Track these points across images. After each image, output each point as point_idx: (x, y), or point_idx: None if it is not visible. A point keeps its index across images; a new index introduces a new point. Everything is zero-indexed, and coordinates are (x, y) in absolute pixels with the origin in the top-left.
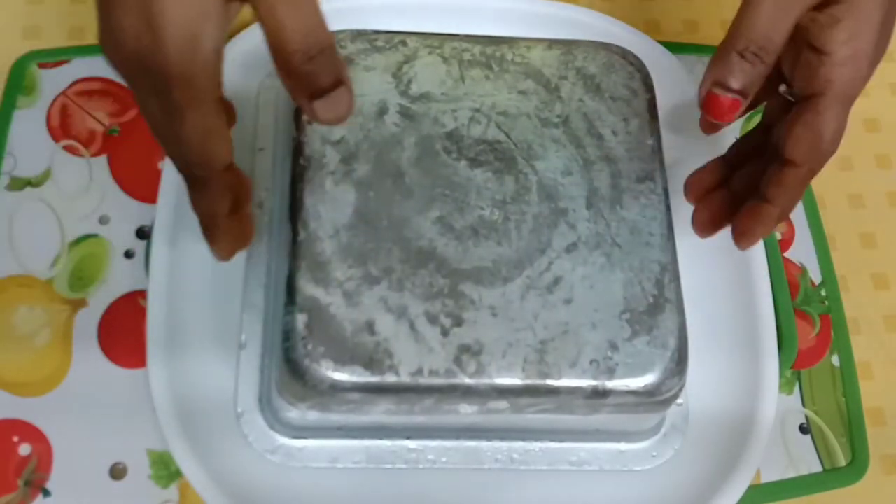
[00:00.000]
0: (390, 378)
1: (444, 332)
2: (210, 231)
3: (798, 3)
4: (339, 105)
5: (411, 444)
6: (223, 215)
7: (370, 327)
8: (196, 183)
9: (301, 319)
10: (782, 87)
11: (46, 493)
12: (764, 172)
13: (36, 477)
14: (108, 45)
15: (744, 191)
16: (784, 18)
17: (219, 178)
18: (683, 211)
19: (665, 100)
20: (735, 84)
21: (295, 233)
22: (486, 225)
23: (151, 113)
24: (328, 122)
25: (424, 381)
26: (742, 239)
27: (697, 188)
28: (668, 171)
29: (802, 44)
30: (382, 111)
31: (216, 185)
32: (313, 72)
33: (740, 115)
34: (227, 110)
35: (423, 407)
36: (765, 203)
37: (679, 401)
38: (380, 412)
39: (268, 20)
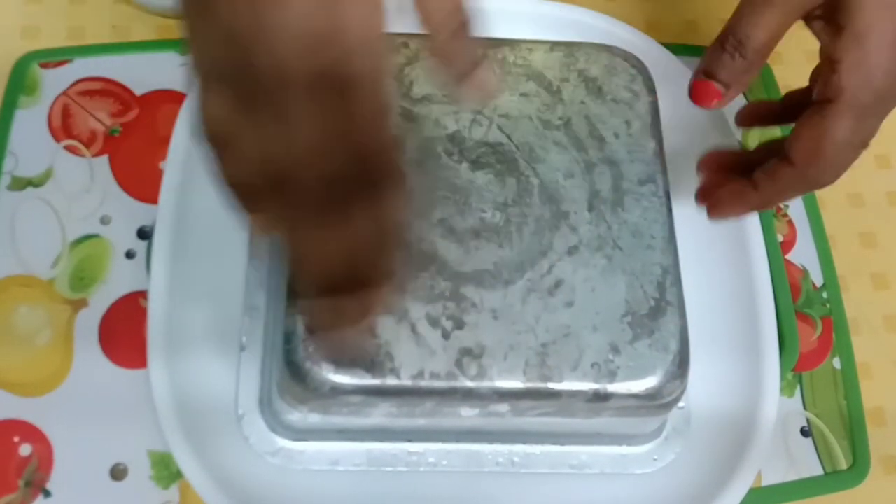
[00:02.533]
0: (391, 381)
1: (446, 335)
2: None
3: (786, 5)
4: (483, 85)
5: (412, 446)
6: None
7: (371, 330)
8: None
9: (302, 322)
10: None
11: (47, 493)
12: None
13: (36, 477)
14: None
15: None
16: (769, 17)
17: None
18: (685, 213)
19: (666, 101)
20: (717, 73)
21: None
22: (488, 227)
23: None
24: (473, 101)
25: (425, 383)
26: (714, 209)
27: (710, 160)
28: (669, 174)
29: (822, 57)
30: None
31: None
32: (454, 50)
33: (721, 105)
34: None
35: (424, 410)
36: (749, 187)
37: (680, 404)
38: (380, 415)
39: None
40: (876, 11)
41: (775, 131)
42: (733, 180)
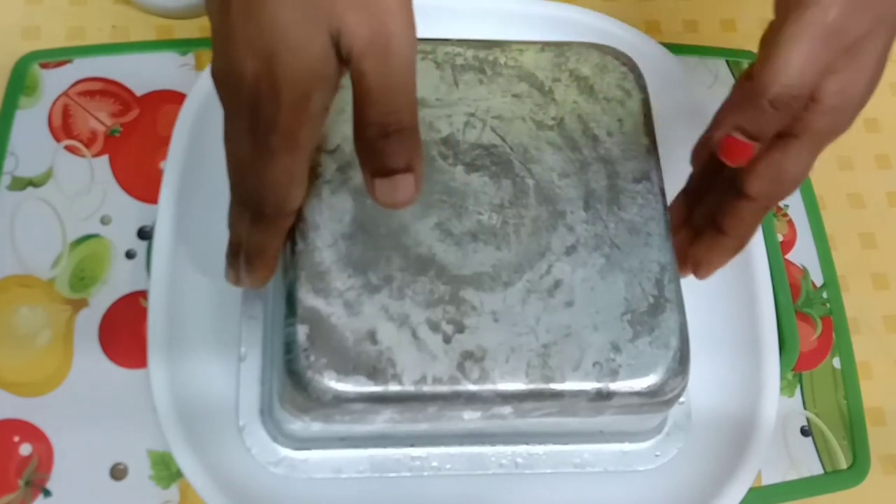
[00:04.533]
0: (394, 387)
1: (447, 339)
2: (254, 262)
3: (833, 46)
4: (399, 191)
5: (415, 451)
6: (273, 251)
7: (372, 336)
8: (260, 218)
9: (302, 331)
10: None
11: (47, 493)
12: (722, 203)
13: (36, 477)
14: (222, 78)
15: (705, 225)
16: (816, 62)
17: (283, 221)
18: None
19: (665, 100)
20: (763, 133)
21: (293, 243)
22: (485, 230)
23: (239, 147)
24: (384, 205)
25: (428, 388)
26: (699, 269)
27: (700, 149)
28: (667, 172)
29: None
30: None
31: (279, 226)
32: (383, 149)
33: None
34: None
35: (427, 414)
36: (720, 234)
37: (681, 399)
38: (383, 421)
39: (357, 83)
40: (871, 57)
41: None
42: (698, 235)
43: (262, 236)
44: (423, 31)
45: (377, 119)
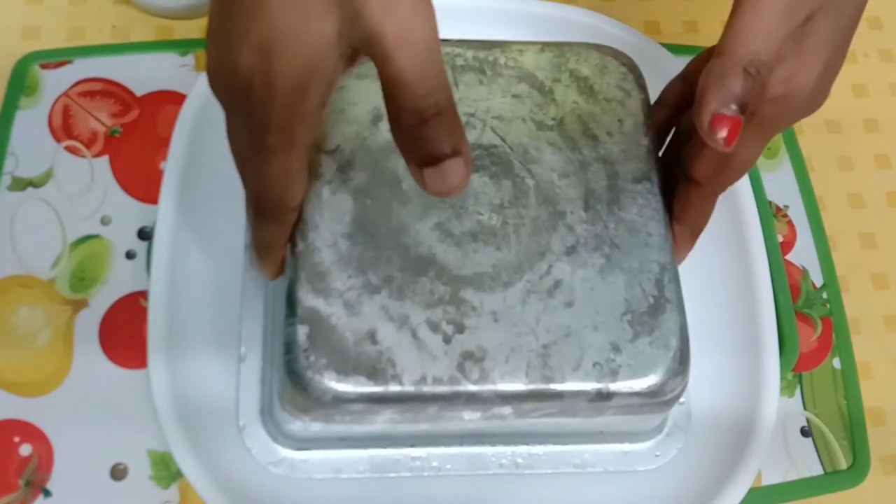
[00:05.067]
0: (394, 387)
1: (447, 340)
2: (263, 255)
3: (787, 19)
4: (451, 178)
5: (415, 451)
6: (280, 246)
7: (372, 337)
8: (263, 214)
9: (302, 331)
10: None
11: (47, 493)
12: (675, 191)
13: (37, 477)
14: (217, 76)
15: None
16: (778, 29)
17: (284, 217)
18: None
19: None
20: (749, 101)
21: (293, 244)
22: (485, 230)
23: (239, 144)
24: (436, 194)
25: (428, 389)
26: None
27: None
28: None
29: None
30: (377, 119)
31: (281, 222)
32: (425, 136)
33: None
34: None
35: (427, 415)
36: (674, 222)
37: (681, 400)
38: (383, 421)
39: (384, 70)
40: (819, 46)
41: None
42: None
43: (265, 231)
44: None
45: (412, 104)
